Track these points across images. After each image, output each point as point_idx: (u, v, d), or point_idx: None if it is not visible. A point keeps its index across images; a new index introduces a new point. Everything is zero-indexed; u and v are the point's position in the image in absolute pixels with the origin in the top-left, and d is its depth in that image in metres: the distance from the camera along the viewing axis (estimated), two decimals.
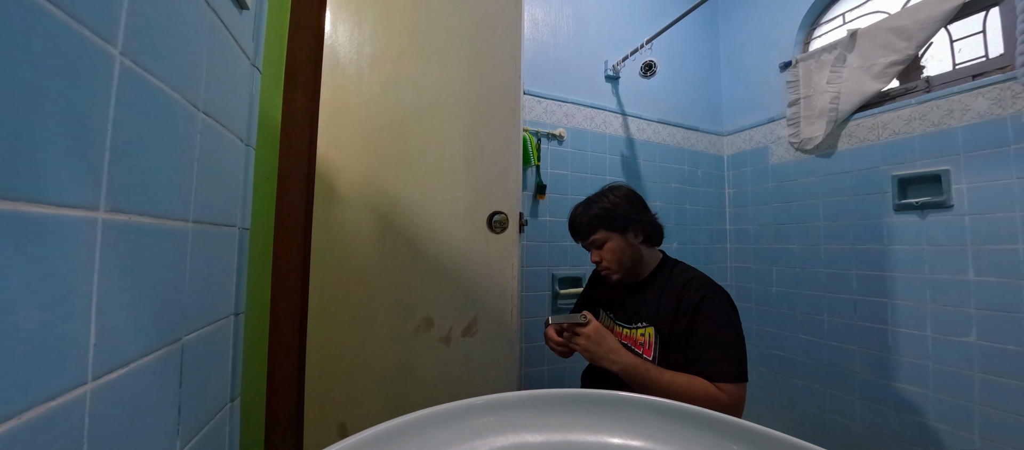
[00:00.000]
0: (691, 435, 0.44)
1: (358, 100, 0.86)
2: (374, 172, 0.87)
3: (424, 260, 0.89)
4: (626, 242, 0.96)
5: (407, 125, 0.90)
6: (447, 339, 0.90)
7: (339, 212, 0.84)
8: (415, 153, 0.90)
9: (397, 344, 0.86)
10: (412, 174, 0.90)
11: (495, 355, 0.94)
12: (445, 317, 0.90)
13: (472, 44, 0.97)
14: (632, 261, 0.97)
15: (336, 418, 0.81)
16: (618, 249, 0.95)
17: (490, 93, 0.98)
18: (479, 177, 0.95)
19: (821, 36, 1.84)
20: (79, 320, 0.24)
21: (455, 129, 0.94)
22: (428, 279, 0.90)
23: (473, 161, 0.95)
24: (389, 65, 0.89)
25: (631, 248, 0.96)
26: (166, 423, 0.34)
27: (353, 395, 0.82)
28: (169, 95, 0.33)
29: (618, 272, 0.97)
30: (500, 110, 0.98)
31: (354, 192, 0.85)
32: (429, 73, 0.93)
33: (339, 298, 0.83)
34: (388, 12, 0.90)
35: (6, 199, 0.19)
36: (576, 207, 1.01)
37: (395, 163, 0.89)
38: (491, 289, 0.94)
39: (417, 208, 0.90)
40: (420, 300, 0.89)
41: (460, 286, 0.92)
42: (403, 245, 0.88)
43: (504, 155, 0.98)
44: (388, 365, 0.85)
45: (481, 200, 0.95)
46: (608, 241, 0.96)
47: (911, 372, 1.40)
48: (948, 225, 1.33)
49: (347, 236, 0.84)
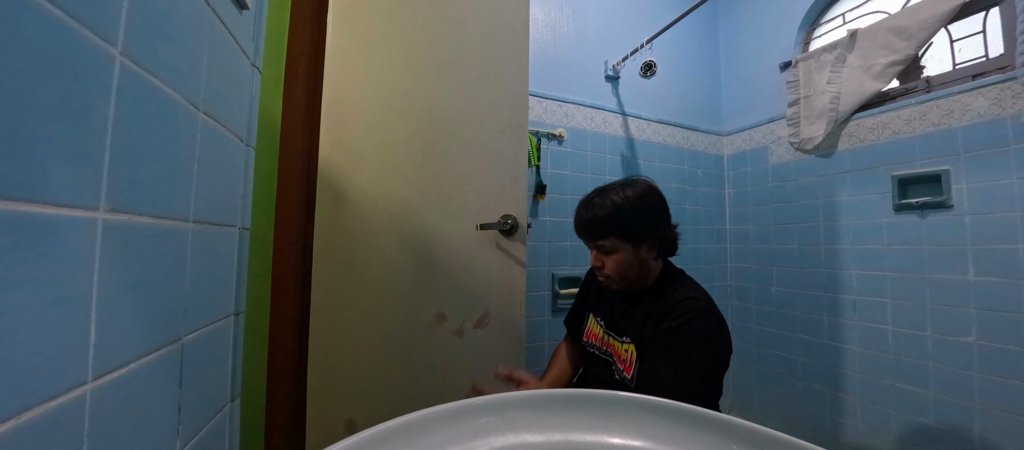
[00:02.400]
0: (691, 435, 0.44)
1: (370, 107, 0.89)
2: (386, 177, 0.91)
3: (435, 260, 0.94)
4: (636, 255, 0.84)
5: (418, 131, 0.94)
6: (460, 332, 0.95)
7: (347, 214, 0.86)
8: (427, 160, 0.95)
9: (410, 338, 0.91)
10: (423, 179, 0.94)
11: (504, 347, 0.99)
12: (457, 312, 0.95)
13: (480, 55, 1.02)
14: (637, 275, 0.86)
15: (344, 415, 0.82)
16: (625, 261, 0.84)
17: (500, 106, 1.03)
18: (490, 183, 1.00)
19: (821, 36, 1.84)
20: (79, 320, 0.24)
21: (467, 138, 0.99)
22: (440, 277, 0.94)
23: (483, 168, 1.00)
24: (398, 72, 0.92)
25: (640, 262, 0.85)
26: (166, 423, 0.34)
27: (361, 391, 0.85)
28: (169, 95, 0.33)
29: (618, 284, 0.87)
30: (509, 122, 1.04)
31: (363, 195, 0.88)
32: (439, 82, 0.97)
33: (346, 297, 0.84)
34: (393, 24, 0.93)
35: (6, 199, 0.19)
36: (590, 199, 0.87)
37: (406, 168, 0.93)
38: (501, 287, 1.00)
39: (429, 211, 0.94)
40: (433, 297, 0.94)
41: (472, 284, 0.97)
42: (414, 247, 0.92)
43: (513, 163, 1.03)
44: (400, 359, 0.89)
45: (492, 204, 1.00)
46: (617, 251, 0.84)
47: (911, 372, 1.40)
48: (948, 225, 1.33)
49: (355, 237, 0.87)
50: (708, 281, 2.04)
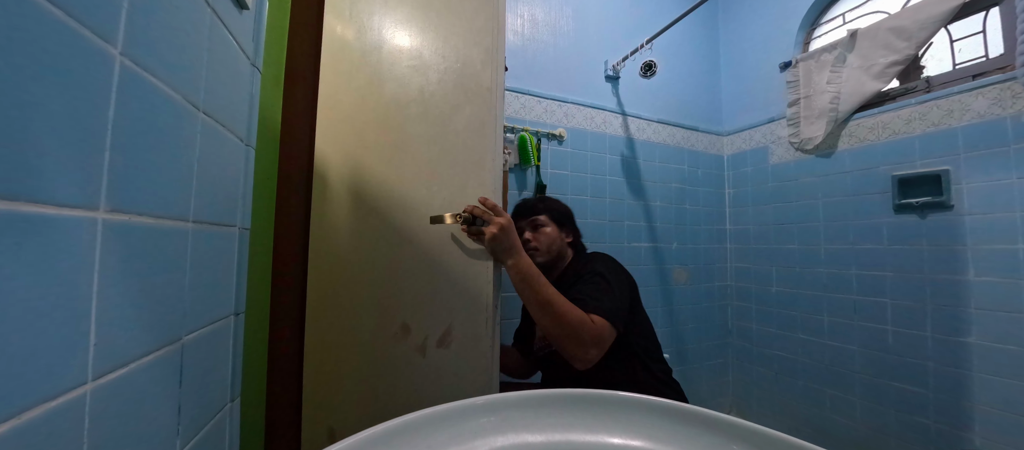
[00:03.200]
0: (691, 435, 0.44)
1: (348, 96, 0.83)
2: (359, 170, 0.82)
3: (402, 262, 0.82)
4: (558, 235, 1.16)
5: (389, 118, 0.83)
6: (423, 349, 0.81)
7: (331, 211, 0.81)
8: (394, 148, 0.83)
9: (379, 349, 0.81)
10: (392, 170, 0.83)
11: (470, 369, 0.82)
12: (421, 325, 0.81)
13: (441, 13, 0.87)
14: (558, 253, 1.15)
15: (326, 421, 0.79)
16: (552, 235, 1.14)
17: (464, 71, 0.86)
18: (454, 170, 0.84)
19: (821, 36, 1.84)
20: (79, 320, 0.24)
21: (427, 117, 0.84)
22: (404, 283, 0.82)
23: (447, 152, 0.84)
24: (373, 56, 0.85)
25: (560, 241, 1.16)
26: (166, 423, 0.34)
27: (341, 399, 0.79)
28: (169, 95, 0.33)
29: (544, 256, 1.12)
30: (474, 90, 0.85)
31: (344, 189, 0.82)
32: (403, 60, 0.85)
33: (329, 300, 0.80)
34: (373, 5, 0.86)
35: (6, 199, 0.19)
36: (530, 197, 1.27)
37: (376, 160, 0.83)
38: (466, 295, 0.83)
39: (396, 207, 0.82)
40: (399, 305, 0.81)
41: (435, 291, 0.83)
42: (384, 246, 0.82)
43: (479, 142, 0.84)
44: (370, 370, 0.80)
45: (456, 196, 0.83)
46: (547, 227, 1.15)
47: (911, 372, 1.40)
48: (948, 225, 1.33)
49: (338, 236, 0.81)
50: (708, 281, 2.04)
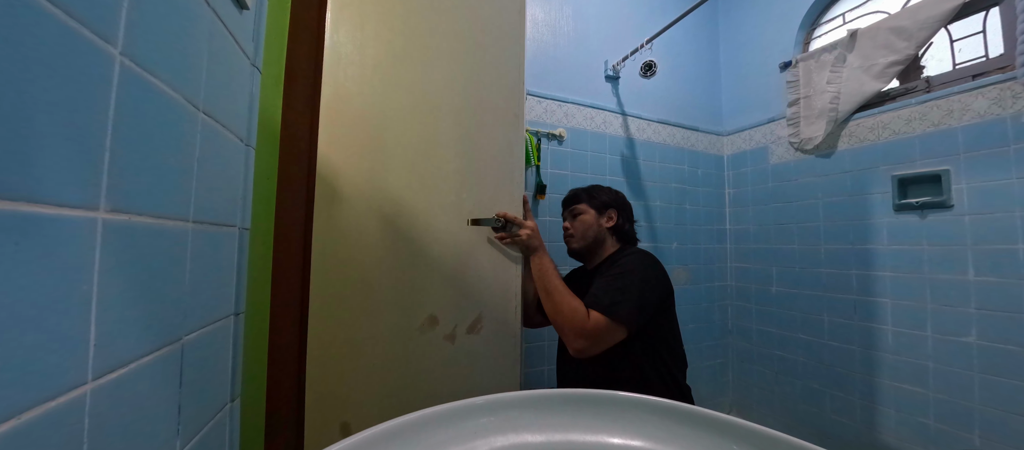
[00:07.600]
0: (691, 435, 0.44)
1: (360, 101, 0.86)
2: (377, 173, 0.87)
3: (427, 260, 0.90)
4: (596, 221, 1.11)
5: (411, 126, 0.91)
6: (452, 336, 0.91)
7: (341, 212, 0.84)
8: (419, 155, 0.91)
9: (402, 342, 0.87)
10: (415, 176, 0.90)
11: (498, 353, 0.95)
12: (450, 315, 0.91)
13: (474, 46, 0.98)
14: (595, 238, 1.11)
15: (339, 417, 0.81)
16: (589, 222, 1.11)
17: (493, 96, 0.99)
18: (483, 180, 0.97)
19: (821, 36, 1.84)
20: (79, 320, 0.24)
21: (457, 131, 0.95)
22: (432, 278, 0.90)
23: (476, 163, 0.96)
24: (391, 66, 0.89)
25: (598, 228, 1.11)
26: (166, 423, 0.34)
27: (356, 394, 0.83)
28: (169, 95, 0.33)
29: (578, 242, 1.11)
30: (503, 113, 1.00)
31: (356, 193, 0.85)
32: (432, 75, 0.93)
33: (341, 298, 0.83)
34: (390, 15, 0.90)
35: (6, 199, 0.19)
36: (579, 187, 1.20)
37: (398, 165, 0.89)
38: (495, 288, 0.96)
39: (421, 209, 0.90)
40: (425, 299, 0.90)
41: (465, 286, 0.93)
42: (406, 245, 0.88)
43: (507, 158, 0.99)
44: (391, 363, 0.86)
45: (484, 202, 0.96)
46: (585, 214, 1.12)
47: (911, 372, 1.40)
48: (948, 225, 1.33)
49: (349, 237, 0.84)
50: (708, 281, 2.04)
